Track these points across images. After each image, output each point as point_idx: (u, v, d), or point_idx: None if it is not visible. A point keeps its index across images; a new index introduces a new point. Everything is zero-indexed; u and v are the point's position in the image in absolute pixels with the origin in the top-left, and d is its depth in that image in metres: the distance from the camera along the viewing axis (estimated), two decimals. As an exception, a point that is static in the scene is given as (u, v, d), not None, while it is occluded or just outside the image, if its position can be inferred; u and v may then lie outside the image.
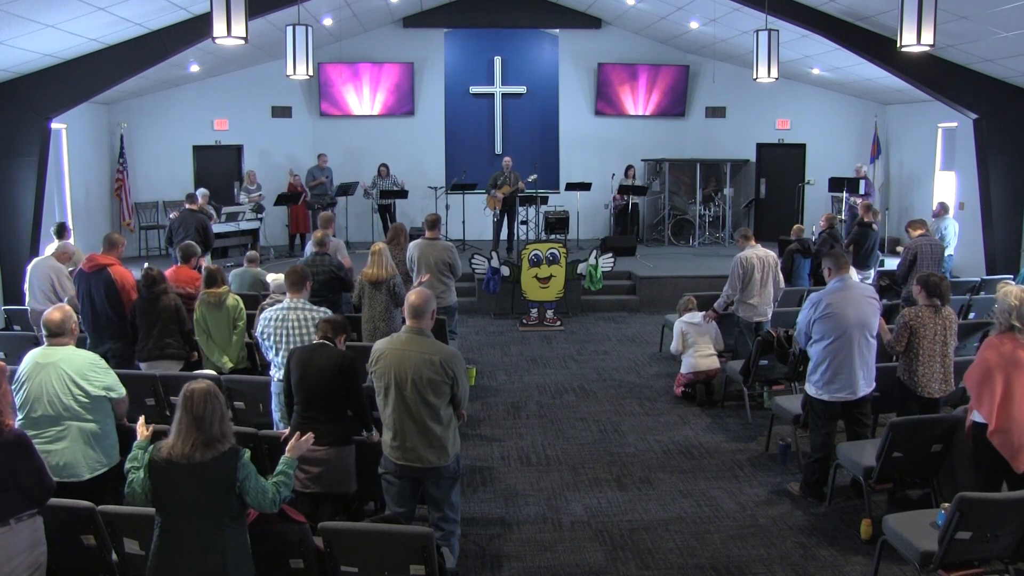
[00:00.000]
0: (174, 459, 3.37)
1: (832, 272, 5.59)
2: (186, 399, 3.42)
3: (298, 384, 4.61)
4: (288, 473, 3.69)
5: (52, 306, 4.77)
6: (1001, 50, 9.73)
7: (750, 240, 8.00)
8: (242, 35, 7.42)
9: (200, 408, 3.39)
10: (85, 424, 4.41)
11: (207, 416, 3.39)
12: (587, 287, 11.37)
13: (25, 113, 10.07)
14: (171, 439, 3.43)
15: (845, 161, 15.14)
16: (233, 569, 3.43)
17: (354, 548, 3.75)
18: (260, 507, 3.51)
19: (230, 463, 3.42)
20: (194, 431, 3.38)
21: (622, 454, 6.62)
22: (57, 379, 4.35)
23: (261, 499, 3.48)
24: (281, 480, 3.63)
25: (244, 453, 3.49)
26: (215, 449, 3.40)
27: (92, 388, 4.42)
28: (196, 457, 3.36)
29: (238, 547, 3.48)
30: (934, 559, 4.05)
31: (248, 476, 3.45)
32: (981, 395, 4.58)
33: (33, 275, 7.94)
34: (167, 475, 3.39)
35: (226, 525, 3.43)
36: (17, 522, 3.57)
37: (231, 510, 3.44)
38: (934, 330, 5.49)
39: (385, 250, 6.99)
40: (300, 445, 3.86)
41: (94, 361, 4.53)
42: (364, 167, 15.13)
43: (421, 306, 4.26)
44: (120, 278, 6.63)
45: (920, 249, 8.76)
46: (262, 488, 3.50)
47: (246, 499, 3.46)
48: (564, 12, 15.61)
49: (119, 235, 7.01)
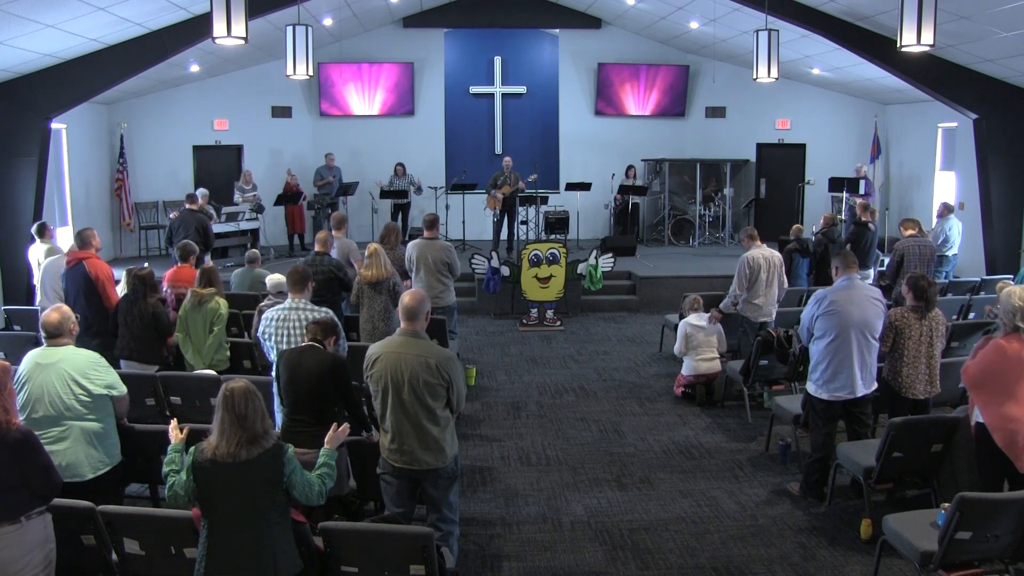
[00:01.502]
0: (219, 459, 3.39)
1: (840, 271, 5.60)
2: (226, 399, 3.43)
3: (287, 386, 4.61)
4: (331, 464, 3.74)
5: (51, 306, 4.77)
6: (1001, 50, 9.73)
7: (756, 240, 7.98)
8: (242, 35, 7.43)
9: (242, 407, 3.41)
10: (87, 423, 4.42)
11: (249, 414, 3.42)
12: (587, 287, 11.37)
13: (25, 113, 10.07)
14: (214, 439, 3.44)
15: (845, 161, 15.15)
16: (283, 565, 3.47)
17: (354, 548, 3.75)
18: (308, 500, 3.56)
19: (276, 459, 3.46)
20: (238, 430, 3.40)
21: (622, 454, 6.62)
22: (59, 379, 4.35)
23: (308, 492, 3.53)
24: (325, 472, 3.68)
25: (288, 448, 3.53)
26: (260, 446, 3.43)
27: (94, 387, 4.42)
28: (242, 455, 3.39)
29: (286, 542, 3.51)
30: (934, 559, 4.04)
31: (295, 470, 3.50)
32: (984, 395, 4.58)
33: (45, 275, 7.98)
34: (213, 475, 3.40)
35: (274, 521, 3.46)
36: (28, 519, 3.60)
37: (278, 505, 3.48)
38: (919, 332, 5.49)
39: (381, 250, 7.00)
40: (339, 435, 3.88)
41: (95, 360, 4.52)
42: (364, 167, 15.14)
43: (415, 308, 4.24)
44: (95, 270, 6.69)
45: (908, 250, 8.74)
46: (308, 481, 3.55)
47: (293, 493, 3.50)
48: (564, 12, 15.61)
49: (90, 230, 7.02)
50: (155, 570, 3.93)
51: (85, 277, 6.66)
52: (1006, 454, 4.47)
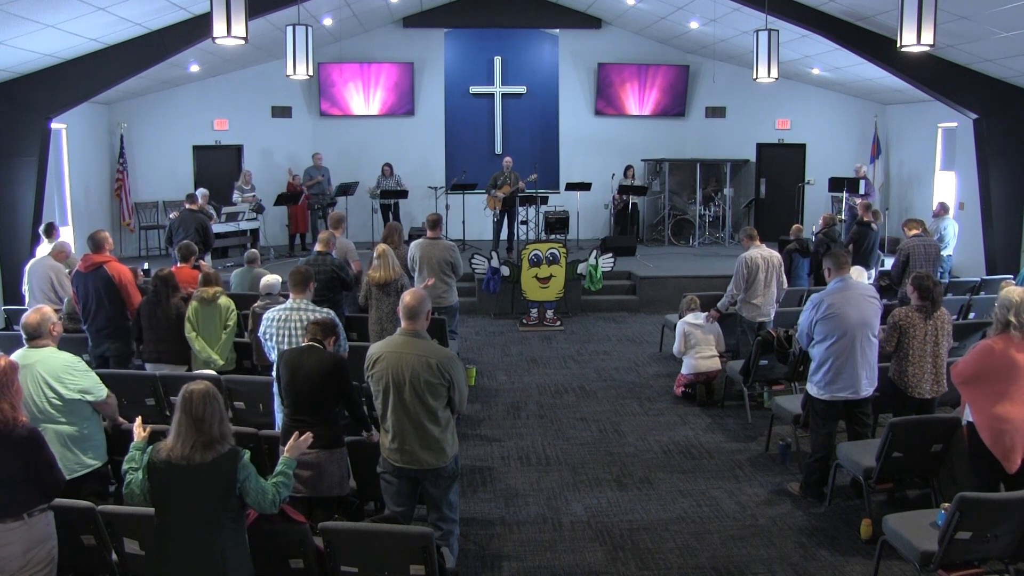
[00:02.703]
0: (174, 460, 3.37)
1: (832, 272, 5.57)
2: (185, 400, 3.41)
3: (287, 387, 4.60)
4: (288, 473, 3.69)
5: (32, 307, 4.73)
6: (1001, 50, 9.73)
7: (755, 240, 7.99)
8: (242, 35, 7.42)
9: (199, 409, 3.38)
10: (60, 427, 4.40)
11: (206, 417, 3.38)
12: (587, 287, 11.37)
13: (25, 113, 10.07)
14: (170, 440, 3.42)
15: (845, 161, 15.14)
16: (233, 570, 3.43)
17: (354, 548, 3.75)
18: (260, 508, 3.51)
19: (230, 464, 3.42)
20: (194, 432, 3.37)
21: (622, 454, 6.62)
22: (32, 382, 4.33)
23: (261, 500, 3.48)
24: (281, 480, 3.63)
25: (244, 454, 3.49)
26: (215, 450, 3.39)
27: (66, 391, 4.39)
28: (196, 458, 3.36)
29: (237, 548, 3.48)
30: (934, 559, 4.05)
31: (248, 477, 3.45)
32: (973, 395, 4.58)
33: (32, 276, 7.94)
34: (166, 476, 3.38)
35: (225, 526, 3.43)
36: (30, 516, 3.60)
37: (231, 511, 3.44)
38: (924, 331, 5.47)
39: (390, 251, 6.99)
40: (299, 445, 3.86)
41: (71, 364, 4.47)
42: (364, 167, 15.13)
43: (416, 307, 4.24)
44: (118, 274, 6.63)
45: (913, 250, 8.74)
46: (262, 489, 3.49)
47: (246, 500, 3.46)
48: (564, 12, 15.61)
49: (103, 232, 6.93)
50: (155, 570, 3.93)
51: (107, 281, 6.55)
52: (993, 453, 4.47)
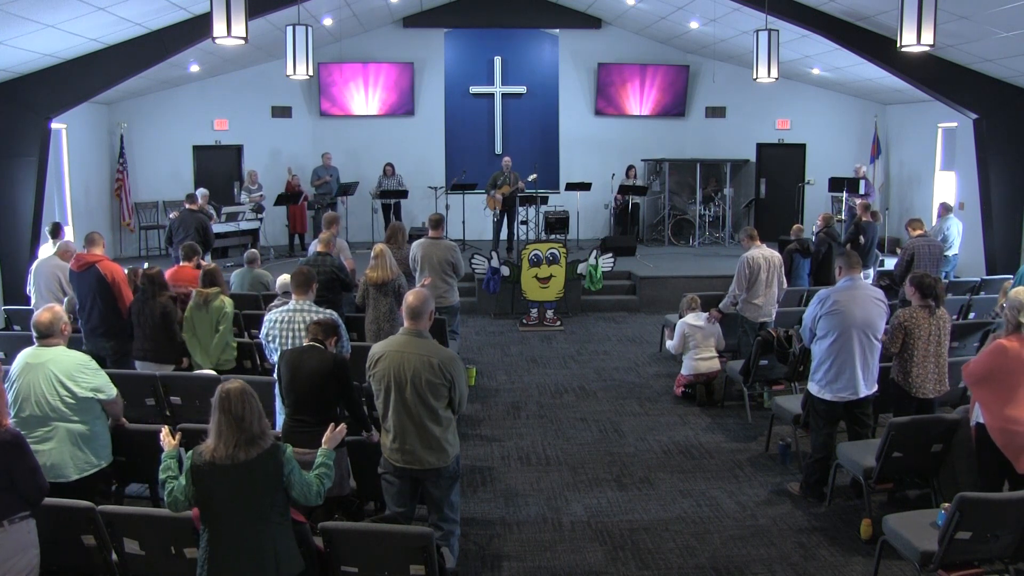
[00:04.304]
0: (218, 462, 3.37)
1: (843, 271, 5.57)
2: (223, 400, 3.40)
3: (288, 387, 4.60)
4: (329, 464, 3.74)
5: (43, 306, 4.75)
6: (1001, 50, 9.73)
7: (755, 240, 8.00)
8: (242, 35, 7.43)
9: (239, 408, 3.39)
10: (72, 425, 4.40)
11: (247, 415, 3.39)
12: (587, 287, 11.37)
13: (25, 113, 10.07)
14: (211, 442, 3.41)
15: (845, 161, 15.14)
16: (285, 565, 3.46)
17: (354, 548, 3.75)
18: (307, 500, 3.56)
19: (275, 459, 3.45)
20: (236, 431, 3.38)
21: (622, 454, 6.62)
22: (45, 380, 4.33)
23: (307, 492, 3.53)
24: (323, 472, 3.68)
25: (286, 448, 3.52)
26: (258, 447, 3.41)
27: (79, 389, 4.40)
28: (240, 457, 3.37)
29: (287, 542, 3.51)
30: (934, 559, 4.05)
31: (293, 470, 3.49)
32: (985, 395, 4.58)
33: (38, 276, 7.96)
34: (212, 478, 3.38)
35: (275, 522, 3.46)
36: (11, 524, 3.54)
37: (278, 506, 3.47)
38: (928, 331, 5.47)
39: (387, 251, 6.99)
40: (336, 436, 3.88)
41: (83, 362, 4.49)
42: (364, 167, 15.14)
43: (419, 307, 4.24)
44: (109, 273, 6.65)
45: (917, 250, 8.75)
46: (307, 481, 3.54)
47: (291, 493, 3.50)
48: (564, 12, 15.61)
49: (97, 233, 7.01)
50: (155, 570, 3.93)
51: (99, 279, 6.58)
52: (1005, 454, 4.47)
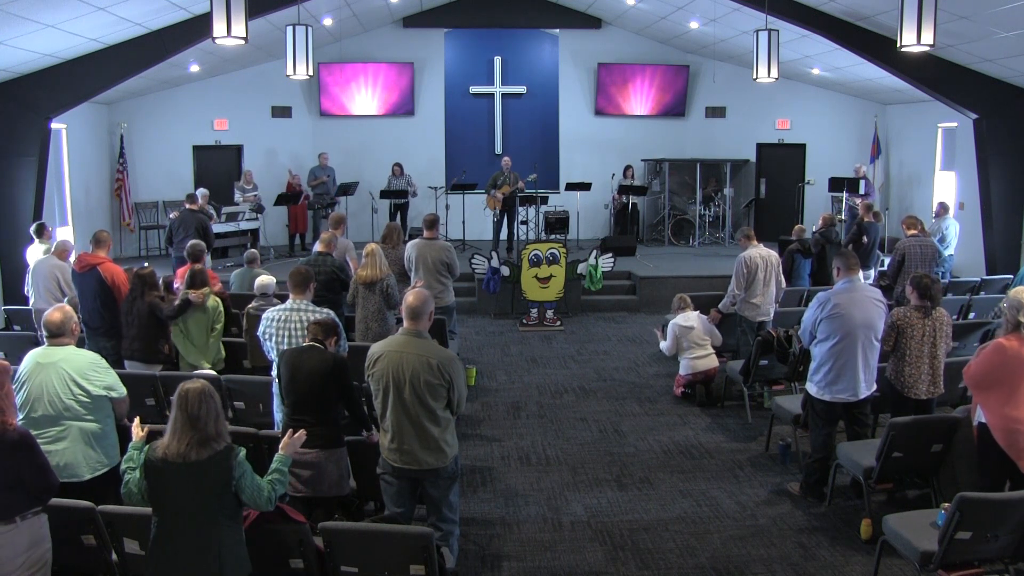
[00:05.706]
0: (170, 458, 3.39)
1: (841, 272, 5.56)
2: (181, 399, 3.43)
3: (288, 386, 4.60)
4: (282, 471, 3.71)
5: (54, 306, 4.77)
6: (1001, 50, 9.73)
7: (752, 240, 8.01)
8: (242, 35, 7.42)
9: (195, 408, 3.40)
10: (86, 424, 4.41)
11: (202, 415, 3.40)
12: (587, 287, 11.37)
13: (25, 113, 10.07)
14: (166, 439, 3.44)
15: (845, 161, 15.13)
16: (229, 568, 3.44)
17: (354, 548, 3.75)
18: (256, 505, 3.53)
19: (225, 462, 3.43)
20: (189, 430, 3.40)
21: (622, 454, 6.62)
22: (58, 379, 4.34)
23: (257, 497, 3.50)
24: (276, 478, 3.65)
25: (239, 451, 3.51)
26: (210, 448, 3.41)
27: (93, 388, 4.41)
28: (191, 456, 3.38)
29: (234, 545, 3.49)
30: (934, 559, 4.05)
31: (244, 474, 3.47)
32: (986, 395, 4.58)
33: (37, 276, 7.96)
34: (163, 475, 3.40)
35: (222, 524, 3.44)
36: (23, 520, 3.60)
37: (227, 509, 3.46)
38: (922, 331, 5.47)
39: (379, 251, 7.01)
40: (293, 442, 3.87)
41: (95, 361, 4.52)
42: (364, 167, 15.14)
43: (419, 307, 4.24)
44: (110, 275, 6.68)
45: (908, 250, 8.73)
46: (258, 486, 3.51)
47: (242, 497, 3.48)
48: (564, 12, 15.61)
49: (106, 233, 7.03)
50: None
51: (100, 282, 6.62)
52: (1008, 454, 4.47)
